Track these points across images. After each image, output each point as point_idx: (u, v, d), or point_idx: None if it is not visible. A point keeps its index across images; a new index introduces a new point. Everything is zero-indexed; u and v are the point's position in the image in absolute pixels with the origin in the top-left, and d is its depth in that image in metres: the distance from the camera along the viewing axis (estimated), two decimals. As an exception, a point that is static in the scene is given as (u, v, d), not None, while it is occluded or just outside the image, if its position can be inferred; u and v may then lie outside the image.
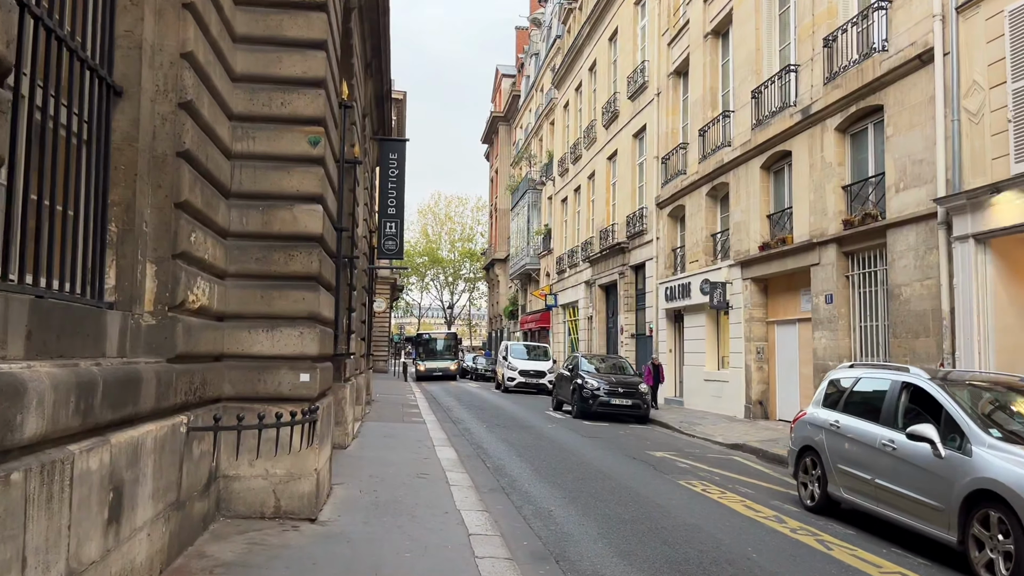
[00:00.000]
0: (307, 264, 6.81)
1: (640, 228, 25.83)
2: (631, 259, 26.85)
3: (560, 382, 21.57)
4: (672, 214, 23.48)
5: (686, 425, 17.53)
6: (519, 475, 10.52)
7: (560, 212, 38.36)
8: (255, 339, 6.68)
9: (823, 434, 8.21)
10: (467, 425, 17.13)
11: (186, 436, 5.40)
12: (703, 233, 20.88)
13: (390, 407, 19.59)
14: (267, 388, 6.68)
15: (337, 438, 10.99)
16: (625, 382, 19.17)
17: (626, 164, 27.90)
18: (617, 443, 14.45)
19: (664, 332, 23.57)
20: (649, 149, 25.61)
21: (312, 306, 6.79)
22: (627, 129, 27.81)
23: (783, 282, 17.34)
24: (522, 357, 31.10)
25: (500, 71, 62.28)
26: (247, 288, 6.70)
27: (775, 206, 17.69)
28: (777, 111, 16.89)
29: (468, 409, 21.52)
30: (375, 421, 15.67)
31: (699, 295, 20.28)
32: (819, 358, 15.10)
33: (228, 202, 6.67)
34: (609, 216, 30.17)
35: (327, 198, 7.19)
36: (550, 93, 41.27)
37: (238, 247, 6.71)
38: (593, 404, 18.69)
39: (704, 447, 14.51)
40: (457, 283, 76.42)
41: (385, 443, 12.23)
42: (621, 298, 27.56)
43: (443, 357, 42.48)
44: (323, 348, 7.16)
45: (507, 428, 16.57)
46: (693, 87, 22.08)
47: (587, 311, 32.66)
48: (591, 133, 32.51)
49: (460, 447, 13.02)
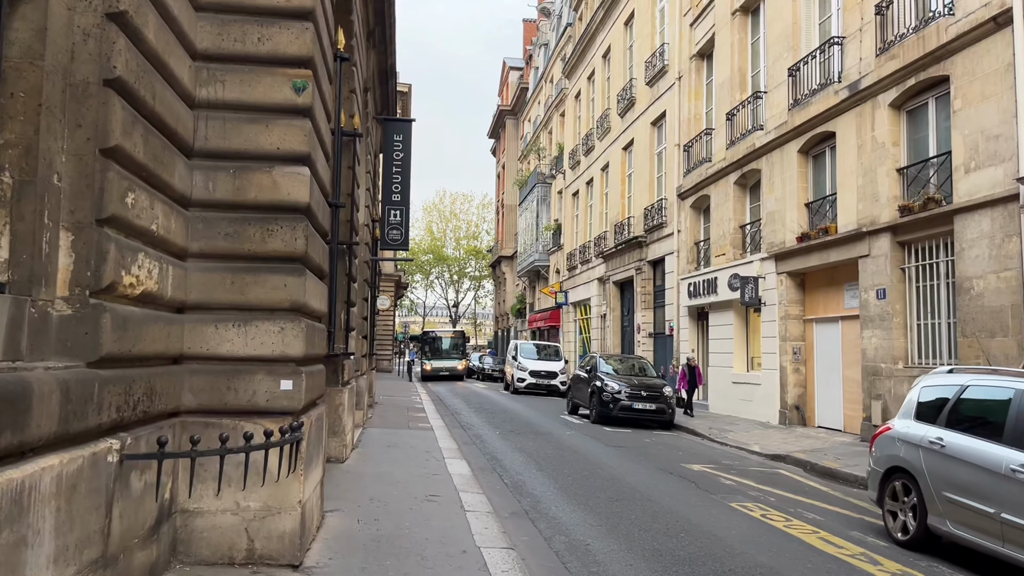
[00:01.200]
0: (290, 241, 5.38)
1: (659, 221, 24.37)
2: (649, 254, 25.39)
3: (576, 384, 20.13)
4: (695, 205, 22.02)
5: (716, 432, 16.09)
6: (543, 494, 9.10)
7: (571, 206, 36.92)
8: (224, 336, 5.26)
9: (920, 454, 6.76)
10: (478, 431, 15.72)
11: (119, 466, 3.98)
12: (731, 224, 19.42)
13: (394, 411, 18.18)
14: (238, 399, 5.26)
15: (333, 450, 9.58)
16: (648, 385, 17.73)
17: (643, 154, 26.45)
18: (646, 454, 13.01)
19: (686, 331, 22.11)
20: (669, 137, 24.15)
21: (296, 294, 5.37)
22: (645, 117, 26.36)
23: (823, 276, 15.87)
24: (532, 357, 29.67)
25: (507, 64, 60.85)
26: (214, 271, 5.29)
27: (815, 193, 16.22)
28: (818, 89, 15.42)
29: (477, 412, 20.10)
30: (378, 427, 14.26)
31: (727, 291, 18.83)
32: (869, 359, 13.64)
33: (190, 162, 5.26)
34: (625, 209, 28.72)
35: (316, 160, 5.77)
36: (560, 83, 39.82)
37: (203, 219, 5.30)
38: (614, 409, 17.25)
39: (742, 458, 13.06)
40: (462, 281, 75.40)
41: (389, 455, 10.82)
42: (638, 295, 26.11)
43: (450, 356, 40.69)
44: (311, 347, 5.73)
45: (521, 435, 15.14)
46: (719, 69, 20.62)
47: (600, 309, 31.22)
48: (605, 123, 31.06)
49: (472, 458, 11.60)
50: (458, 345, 41.98)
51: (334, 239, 8.27)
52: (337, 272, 9.50)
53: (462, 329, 54.30)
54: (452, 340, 42.32)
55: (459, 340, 42.65)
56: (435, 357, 40.41)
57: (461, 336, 43.81)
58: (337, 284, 9.48)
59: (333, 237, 8.16)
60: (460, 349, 41.89)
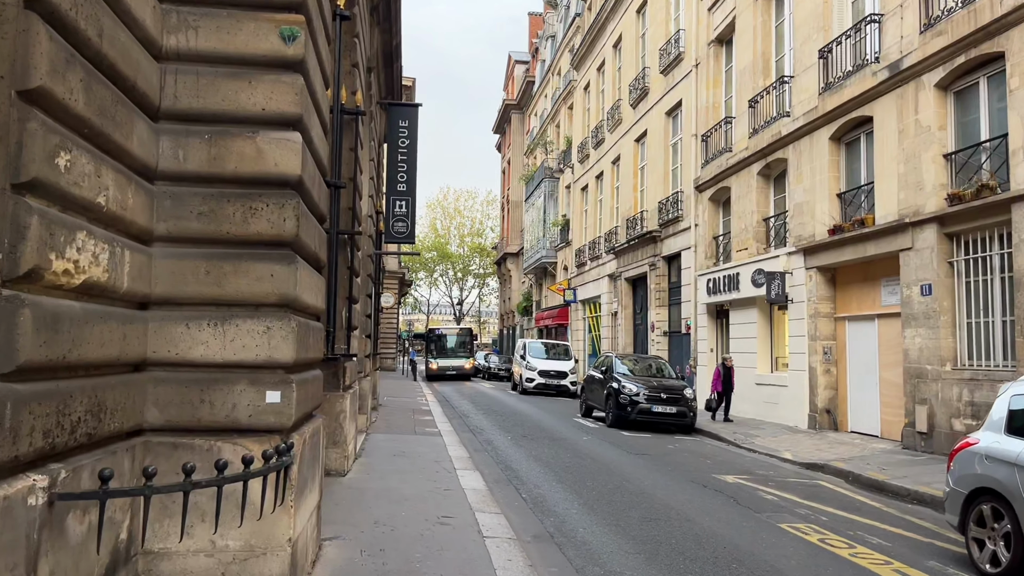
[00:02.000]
0: (277, 222, 4.43)
1: (675, 215, 23.38)
2: (663, 249, 24.41)
3: (590, 386, 19.17)
4: (714, 198, 21.03)
5: (742, 437, 15.12)
6: (567, 512, 8.14)
7: (580, 201, 35.93)
8: (197, 337, 4.32)
9: (1017, 474, 5.79)
10: (488, 436, 14.77)
11: (47, 509, 3.04)
12: (753, 217, 18.43)
13: (399, 413, 17.24)
14: (215, 414, 4.32)
15: (334, 462, 8.64)
16: (667, 386, 16.76)
17: (657, 145, 25.45)
18: (672, 462, 12.05)
19: (704, 329, 21.14)
20: (685, 127, 23.16)
21: (285, 286, 4.42)
22: (659, 107, 25.36)
23: (858, 271, 14.88)
24: (541, 356, 28.70)
25: (512, 58, 59.86)
26: (185, 258, 4.34)
27: (848, 183, 15.23)
28: (853, 71, 14.42)
29: (486, 415, 19.15)
30: (383, 433, 13.32)
31: (750, 287, 17.85)
32: (912, 361, 12.65)
33: (156, 126, 4.31)
34: (637, 203, 27.73)
35: (309, 126, 4.81)
36: (568, 75, 38.82)
37: (171, 195, 4.35)
38: (632, 412, 16.29)
39: (776, 468, 12.09)
40: (466, 279, 74.70)
41: (395, 465, 9.87)
42: (652, 292, 25.13)
43: (457, 355, 39.30)
44: (304, 350, 4.77)
45: (535, 440, 14.19)
46: (740, 54, 19.61)
47: (611, 307, 30.24)
48: (616, 114, 30.07)
49: (486, 468, 10.65)
50: (465, 343, 40.43)
51: (333, 226, 7.35)
52: (338, 265, 8.57)
53: (469, 326, 52.37)
54: (459, 338, 40.80)
55: (466, 338, 41.01)
56: (441, 356, 39.02)
57: (468, 334, 41.98)
58: (338, 278, 8.55)
59: (332, 224, 7.22)
60: (467, 347, 40.34)
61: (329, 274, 7.43)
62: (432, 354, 39.46)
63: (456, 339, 40.53)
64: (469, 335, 41.76)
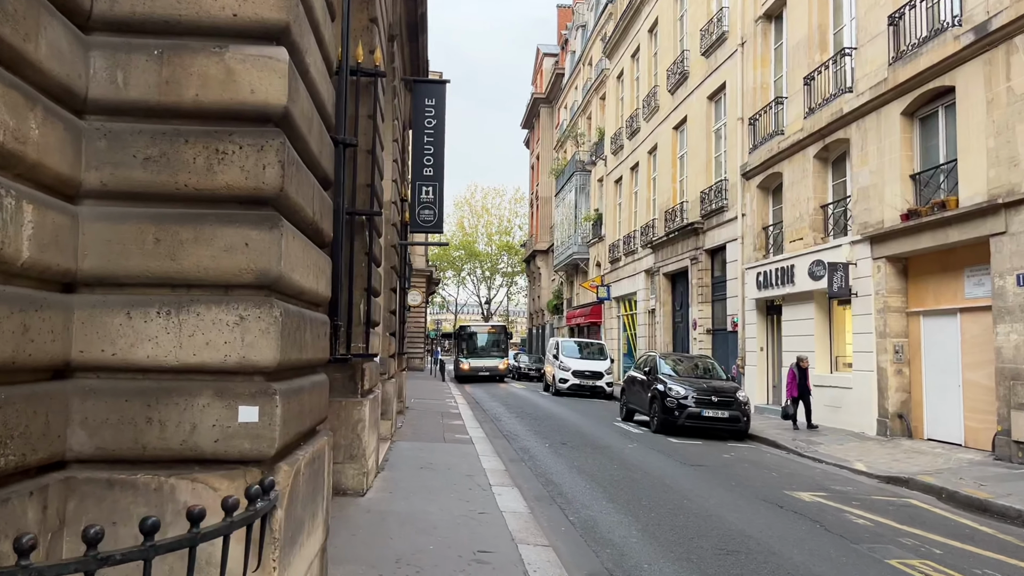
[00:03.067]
0: (254, 171, 3.20)
1: (719, 205, 21.91)
2: (706, 241, 22.94)
3: (631, 387, 17.81)
4: (763, 185, 19.54)
5: (803, 445, 13.67)
6: (627, 542, 6.84)
7: (613, 194, 34.51)
8: (142, 331, 3.10)
9: None
10: (524, 443, 13.51)
11: None
12: (810, 204, 16.93)
13: (427, 418, 16.04)
14: (166, 438, 3.10)
15: (350, 481, 7.43)
16: (717, 389, 15.35)
17: (699, 132, 23.98)
18: (733, 475, 10.68)
19: (753, 326, 19.65)
20: (730, 111, 21.68)
21: (264, 259, 3.18)
22: (700, 91, 23.89)
23: (935, 261, 13.36)
24: (575, 356, 27.34)
25: (541, 51, 58.52)
26: (126, 220, 3.13)
27: (923, 162, 13.71)
28: (930, 36, 12.91)
29: (520, 418, 17.89)
30: (409, 440, 12.11)
31: (806, 280, 16.36)
32: (1007, 360, 11.14)
33: (86, 38, 3.10)
34: (676, 194, 26.27)
35: (303, 45, 3.56)
36: (600, 64, 37.41)
37: (107, 133, 3.14)
38: (680, 416, 14.91)
39: (852, 481, 10.66)
40: (494, 277, 73.97)
41: (422, 480, 8.63)
42: (693, 287, 23.67)
43: (490, 354, 36.62)
44: (294, 348, 3.53)
45: (576, 448, 12.90)
46: (792, 28, 18.11)
47: (648, 303, 28.81)
48: (652, 101, 28.62)
49: (525, 483, 9.39)
50: (499, 342, 37.59)
51: (339, 194, 6.11)
52: (354, 249, 7.35)
53: (503, 323, 49.14)
54: (492, 336, 37.86)
55: (500, 336, 38.09)
56: (473, 355, 36.55)
57: (502, 331, 38.93)
58: (355, 265, 7.34)
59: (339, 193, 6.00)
60: (501, 346, 37.58)
61: (337, 254, 6.21)
62: (463, 353, 37.08)
63: (489, 338, 37.78)
64: (503, 333, 38.87)
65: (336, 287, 5.92)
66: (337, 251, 6.22)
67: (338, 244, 6.35)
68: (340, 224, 6.24)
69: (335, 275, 5.82)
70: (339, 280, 6.09)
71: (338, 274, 6.00)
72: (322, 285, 4.23)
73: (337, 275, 5.94)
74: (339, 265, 6.17)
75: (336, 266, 5.92)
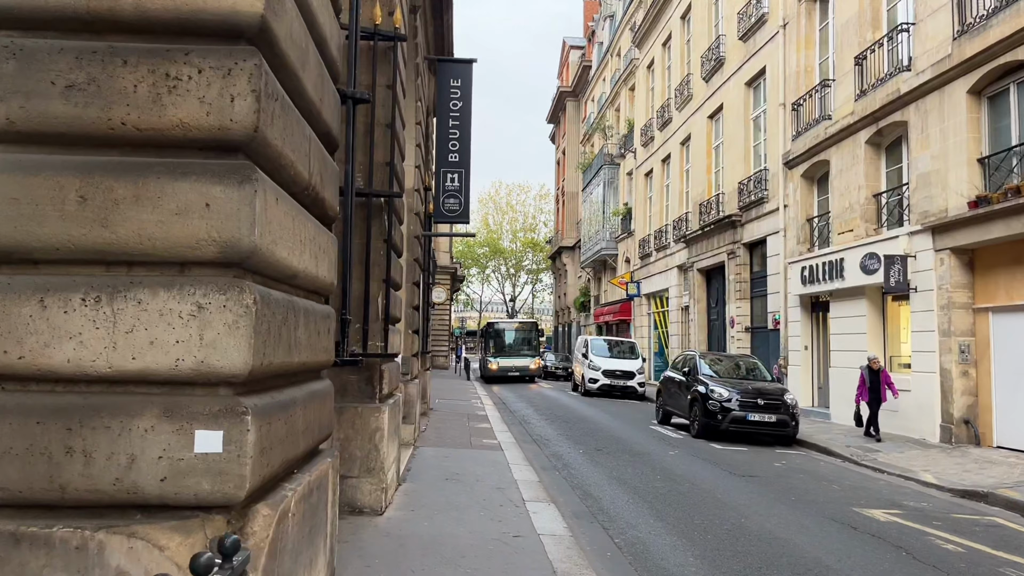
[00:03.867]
0: (217, 103, 2.31)
1: (759, 196, 20.79)
2: (745, 235, 21.82)
3: (669, 389, 16.79)
4: (808, 174, 18.41)
5: (859, 452, 12.60)
6: (683, 572, 5.89)
7: (643, 188, 33.41)
8: (61, 325, 2.23)
9: None
10: (556, 448, 12.59)
11: None
12: (861, 193, 15.80)
13: (452, 420, 15.17)
14: (92, 475, 2.22)
15: (367, 498, 6.58)
16: (763, 391, 14.29)
17: (736, 120, 22.85)
18: (790, 488, 9.66)
19: (796, 324, 18.53)
20: (771, 97, 20.54)
21: (231, 226, 2.29)
22: (737, 77, 22.75)
23: (1007, 252, 12.21)
24: (605, 354, 26.32)
25: (567, 43, 57.47)
26: (38, 172, 2.25)
27: (992, 144, 12.55)
28: (1001, 6, 11.76)
29: (550, 421, 16.96)
30: (432, 446, 11.24)
31: (858, 275, 15.25)
32: (1098, 362, 10.00)
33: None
34: (711, 186, 25.16)
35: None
36: (629, 55, 36.30)
37: (18, 52, 2.27)
38: (723, 421, 13.89)
39: (924, 496, 9.60)
40: (519, 275, 73.37)
41: (447, 495, 7.75)
42: (730, 283, 22.56)
43: (520, 353, 33.85)
44: (279, 349, 2.64)
45: (613, 455, 11.95)
46: (841, 6, 16.96)
47: (681, 300, 27.73)
48: (685, 90, 27.51)
49: (561, 497, 8.48)
50: (529, 339, 34.88)
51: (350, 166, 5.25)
52: (372, 236, 6.48)
53: (534, 320, 45.52)
54: (522, 333, 35.15)
55: (530, 333, 35.34)
56: (501, 354, 33.68)
57: (533, 328, 36.04)
58: (372, 252, 6.47)
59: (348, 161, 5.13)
60: (532, 344, 34.77)
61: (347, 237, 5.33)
62: (490, 352, 34.32)
63: (518, 335, 35.03)
64: (534, 330, 35.94)
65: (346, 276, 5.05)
66: (348, 233, 5.35)
67: (349, 226, 5.48)
68: (350, 200, 5.38)
69: (345, 262, 4.96)
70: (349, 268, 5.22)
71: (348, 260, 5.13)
72: (323, 268, 3.34)
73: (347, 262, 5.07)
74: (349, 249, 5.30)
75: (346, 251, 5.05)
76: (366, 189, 6.38)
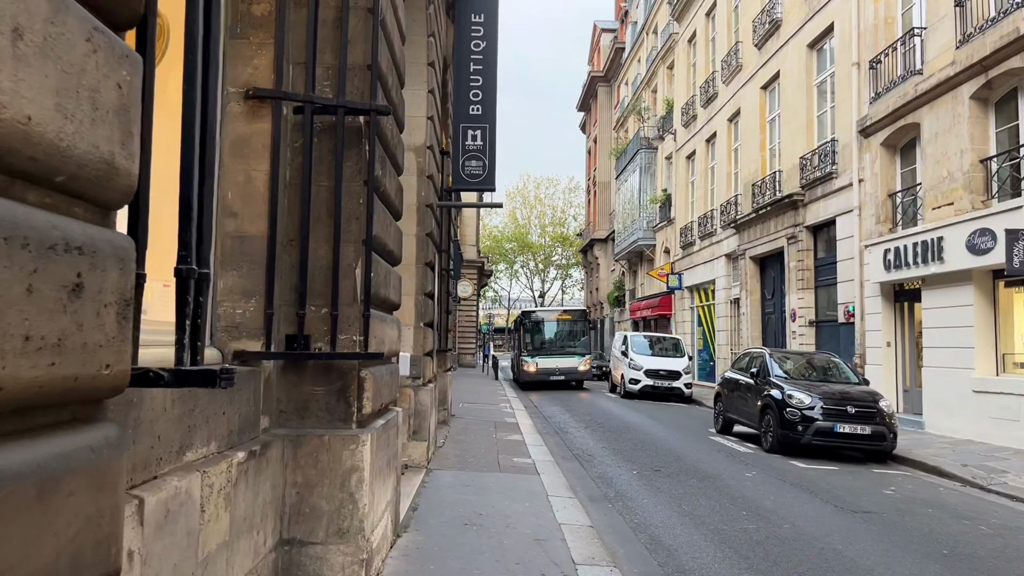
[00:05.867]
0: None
1: (825, 171, 18.21)
2: (807, 216, 19.25)
3: (731, 392, 14.33)
4: (889, 142, 15.82)
5: (980, 474, 10.09)
6: None
7: (684, 172, 30.85)
8: None
9: None
10: (604, 468, 10.26)
11: None
12: (965, 159, 13.20)
13: (476, 430, 12.90)
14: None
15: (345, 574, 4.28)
16: (851, 396, 11.81)
17: (796, 88, 20.25)
18: (927, 532, 7.20)
19: (877, 316, 15.95)
20: (840, 56, 17.94)
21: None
22: (797, 39, 20.16)
23: None
24: (646, 353, 23.85)
25: (598, 27, 54.89)
26: None
27: None
28: None
29: (590, 430, 14.61)
30: (451, 469, 8.94)
31: (963, 256, 12.69)
32: None
33: None
34: (765, 164, 22.58)
35: None
36: (668, 29, 33.71)
37: None
38: (804, 432, 11.44)
39: (1110, 543, 7.09)
40: (548, 270, 71.49)
41: (464, 560, 5.43)
42: (791, 271, 20.00)
43: (566, 350, 26.75)
44: None
45: (676, 479, 9.58)
46: (932, -59, 14.36)
47: (730, 292, 25.18)
48: (733, 60, 24.92)
49: (622, 549, 6.15)
50: (576, 332, 27.68)
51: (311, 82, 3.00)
52: (344, 176, 4.21)
53: (583, 307, 36.14)
54: (567, 324, 27.88)
55: (578, 324, 28.01)
56: (540, 352, 26.64)
57: (581, 318, 28.53)
58: (344, 197, 4.21)
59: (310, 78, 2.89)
60: (580, 339, 27.58)
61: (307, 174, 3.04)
62: (526, 350, 27.07)
63: (563, 327, 27.85)
64: (583, 320, 28.50)
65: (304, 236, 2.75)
66: (307, 168, 3.07)
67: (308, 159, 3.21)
68: (309, 119, 3.10)
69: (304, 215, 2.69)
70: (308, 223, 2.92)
71: (307, 213, 2.83)
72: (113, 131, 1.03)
73: (305, 215, 2.77)
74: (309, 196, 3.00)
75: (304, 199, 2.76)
76: (335, 100, 4.11)
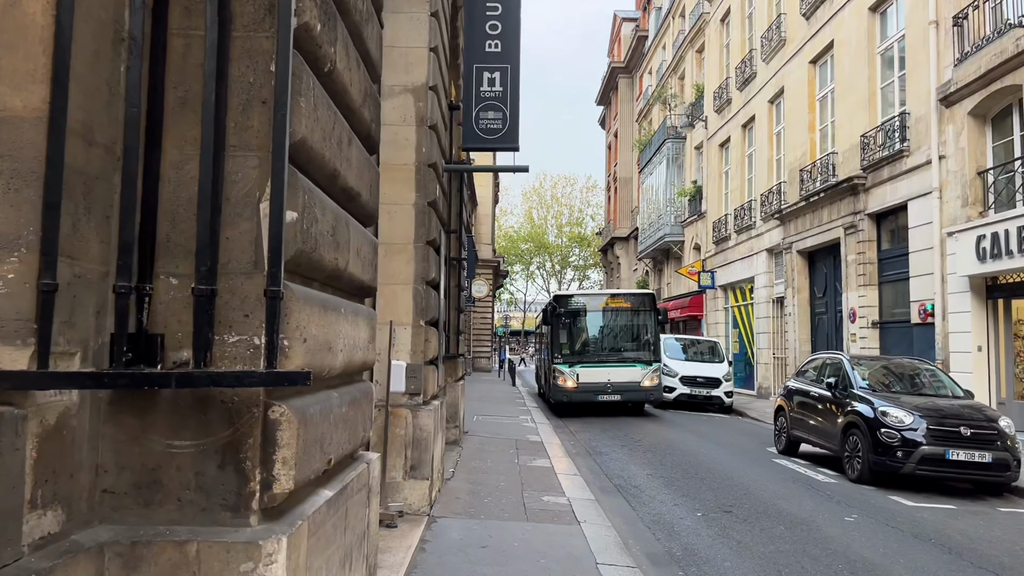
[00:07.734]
0: None
1: (896, 149, 15.81)
2: (870, 203, 16.85)
3: (798, 406, 11.97)
4: (978, 110, 13.43)
5: None
6: None
7: (717, 161, 28.46)
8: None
9: None
10: (658, 508, 7.99)
11: None
12: (1088, 123, 10.82)
13: (494, 453, 10.65)
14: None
15: None
16: (961, 414, 9.46)
17: (856, 58, 17.86)
18: None
19: (965, 316, 13.54)
20: (912, 17, 15.55)
21: None
22: (854, 3, 17.79)
23: None
24: (679, 357, 21.42)
25: (619, 16, 52.56)
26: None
27: None
28: None
29: (630, 451, 12.30)
30: (461, 516, 6.69)
31: (1091, 241, 10.29)
32: None
33: None
34: (815, 147, 20.20)
35: None
36: (698, 9, 31.35)
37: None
38: (907, 460, 9.10)
39: None
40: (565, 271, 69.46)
41: None
42: (849, 266, 17.60)
43: (623, 356, 18.06)
44: None
45: (754, 525, 7.29)
46: None
47: (772, 291, 22.79)
48: (774, 35, 22.56)
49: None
50: (637, 328, 18.64)
51: None
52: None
53: (649, 290, 26.06)
54: (624, 316, 18.74)
55: (640, 316, 18.61)
56: (583, 357, 17.99)
57: (646, 305, 18.68)
58: (231, 54, 1.84)
59: None
60: (643, 339, 18.48)
61: None
62: (560, 355, 18.08)
63: (618, 318, 18.78)
64: (649, 308, 18.64)
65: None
66: None
67: None
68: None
69: None
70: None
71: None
72: None
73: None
74: None
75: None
76: None
